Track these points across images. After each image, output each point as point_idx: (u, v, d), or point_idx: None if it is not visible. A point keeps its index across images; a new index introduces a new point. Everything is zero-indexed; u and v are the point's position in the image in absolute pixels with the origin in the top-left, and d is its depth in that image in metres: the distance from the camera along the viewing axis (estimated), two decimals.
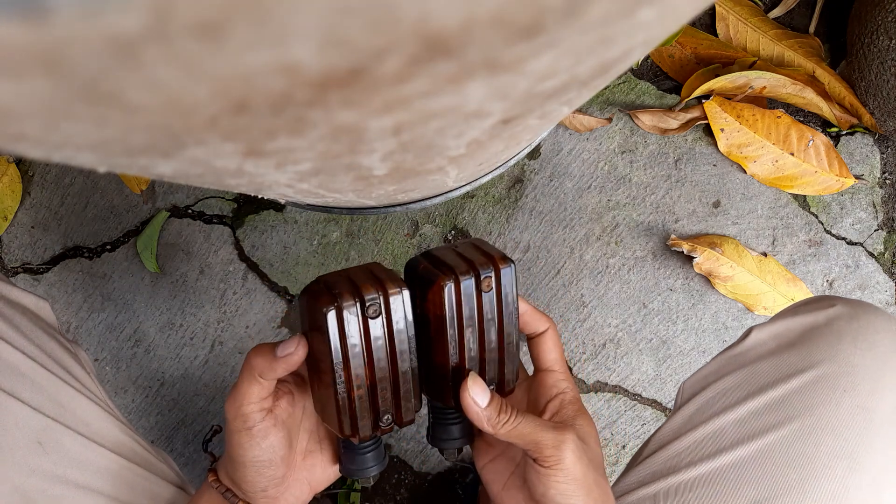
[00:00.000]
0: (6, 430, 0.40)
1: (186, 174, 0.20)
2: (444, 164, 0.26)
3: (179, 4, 0.09)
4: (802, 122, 0.78)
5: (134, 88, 0.11)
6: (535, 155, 0.80)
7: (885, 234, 0.81)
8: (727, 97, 0.76)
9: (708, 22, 0.80)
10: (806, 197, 0.80)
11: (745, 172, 0.79)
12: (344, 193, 0.32)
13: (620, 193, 0.80)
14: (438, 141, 0.20)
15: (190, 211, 0.80)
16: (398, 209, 0.54)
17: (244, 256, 0.80)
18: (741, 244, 0.78)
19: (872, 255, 0.80)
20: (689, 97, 0.76)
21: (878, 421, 0.39)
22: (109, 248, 0.80)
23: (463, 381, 0.37)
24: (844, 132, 0.80)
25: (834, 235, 0.80)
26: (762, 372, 0.43)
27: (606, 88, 0.80)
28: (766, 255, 0.78)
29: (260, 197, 0.44)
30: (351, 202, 0.41)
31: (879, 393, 0.40)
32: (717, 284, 0.78)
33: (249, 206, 0.80)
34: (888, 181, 0.80)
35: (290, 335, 0.81)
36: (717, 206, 0.80)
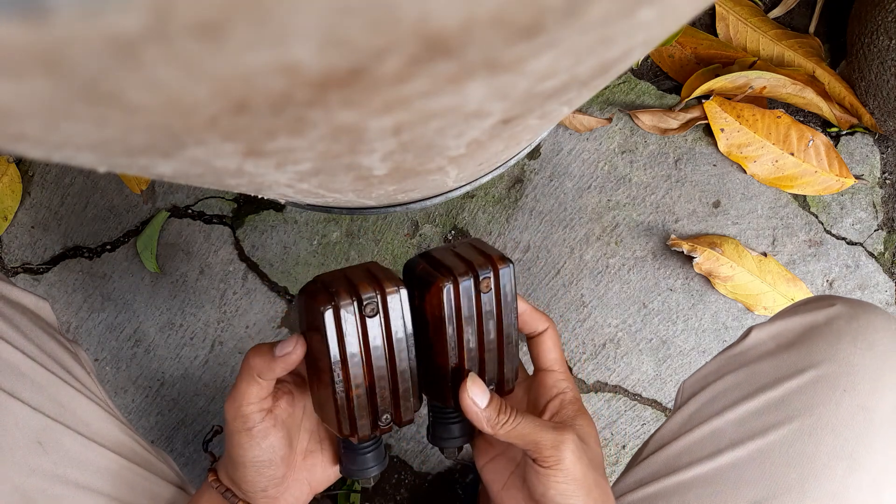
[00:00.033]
0: (6, 429, 0.40)
1: (186, 174, 0.20)
2: (444, 164, 0.26)
3: (179, 4, 0.09)
4: (802, 122, 0.78)
5: (134, 88, 0.11)
6: (535, 155, 0.80)
7: (885, 234, 0.80)
8: (727, 97, 0.76)
9: (708, 22, 0.80)
10: (806, 197, 0.80)
11: (745, 172, 0.78)
12: (344, 193, 0.32)
13: (620, 193, 0.80)
14: (438, 141, 0.20)
15: (190, 211, 0.80)
16: (398, 209, 0.54)
17: (244, 256, 0.80)
18: (741, 244, 0.78)
19: (872, 255, 0.80)
20: (689, 97, 0.76)
21: (877, 421, 0.39)
22: (109, 248, 0.80)
23: (462, 381, 0.37)
24: (844, 132, 0.80)
25: (834, 235, 0.80)
26: (762, 372, 0.43)
27: (606, 88, 0.80)
28: (766, 255, 0.78)
29: (260, 197, 0.44)
30: (351, 202, 0.41)
31: (879, 392, 0.40)
32: (717, 284, 0.78)
33: (249, 206, 0.80)
34: (888, 181, 0.80)
35: (289, 335, 0.81)
36: (717, 206, 0.80)
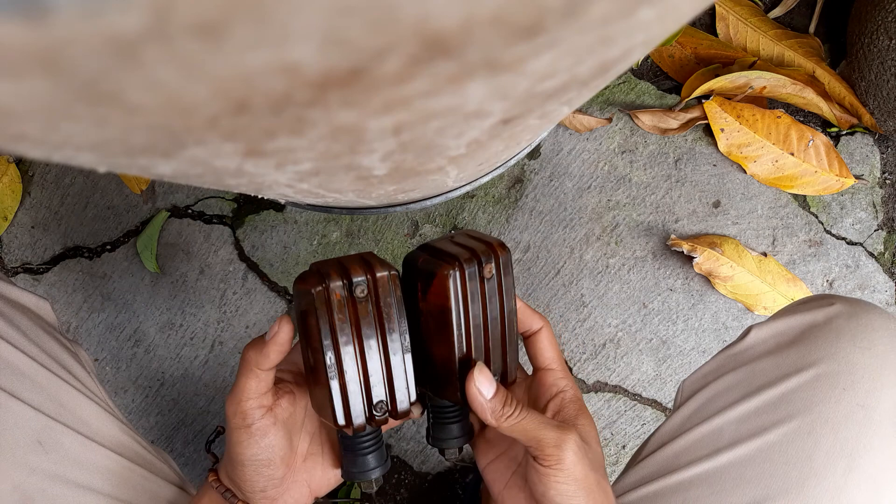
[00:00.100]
0: (6, 429, 0.40)
1: (186, 174, 0.20)
2: (444, 164, 0.26)
3: (179, 4, 0.09)
4: (802, 122, 0.78)
5: (134, 88, 0.11)
6: (535, 155, 0.80)
7: (885, 234, 0.80)
8: (727, 97, 0.76)
9: (708, 22, 0.80)
10: (806, 197, 0.80)
11: (745, 172, 0.78)
12: (344, 193, 0.32)
13: (620, 193, 0.80)
14: (438, 141, 0.20)
15: (190, 211, 0.80)
16: (398, 209, 0.54)
17: (244, 256, 0.80)
18: (741, 244, 0.78)
19: (872, 255, 0.80)
20: (689, 97, 0.76)
21: (877, 419, 0.39)
22: (109, 248, 0.80)
23: (469, 371, 0.37)
24: (844, 132, 0.80)
25: (834, 235, 0.80)
26: (762, 370, 0.43)
27: (606, 88, 0.80)
28: (766, 255, 0.78)
29: (260, 197, 0.44)
30: (351, 202, 0.41)
31: (878, 391, 0.40)
32: (717, 284, 0.78)
33: (249, 206, 0.80)
34: (888, 181, 0.80)
35: None
36: (717, 206, 0.80)
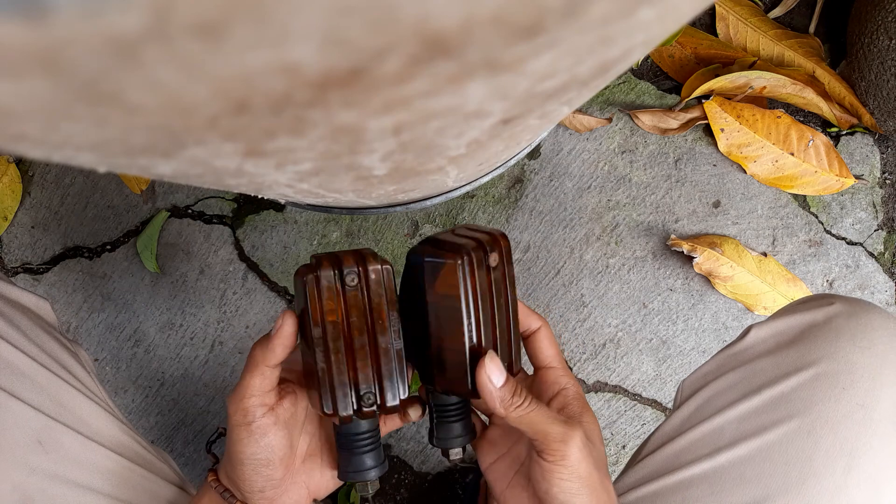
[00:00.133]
0: (6, 429, 0.40)
1: (186, 174, 0.20)
2: (444, 164, 0.26)
3: (179, 4, 0.09)
4: (802, 122, 0.78)
5: (134, 88, 0.11)
6: (535, 155, 0.80)
7: (885, 234, 0.80)
8: (727, 97, 0.76)
9: (708, 22, 0.80)
10: (806, 197, 0.80)
11: (745, 172, 0.78)
12: (344, 193, 0.32)
13: (620, 193, 0.80)
14: (438, 141, 0.20)
15: (190, 211, 0.80)
16: (398, 209, 0.54)
17: (244, 256, 0.80)
18: (741, 244, 0.78)
19: (872, 255, 0.80)
20: (689, 97, 0.76)
21: (876, 418, 0.39)
22: (109, 248, 0.80)
23: (480, 359, 0.37)
24: (844, 132, 0.80)
25: (834, 235, 0.80)
26: (761, 370, 0.43)
27: (606, 88, 0.80)
28: (766, 255, 0.78)
29: (260, 197, 0.44)
30: (351, 202, 0.41)
31: (878, 390, 0.40)
32: (717, 284, 0.78)
33: (249, 206, 0.80)
34: (888, 181, 0.80)
35: None
36: (717, 206, 0.80)
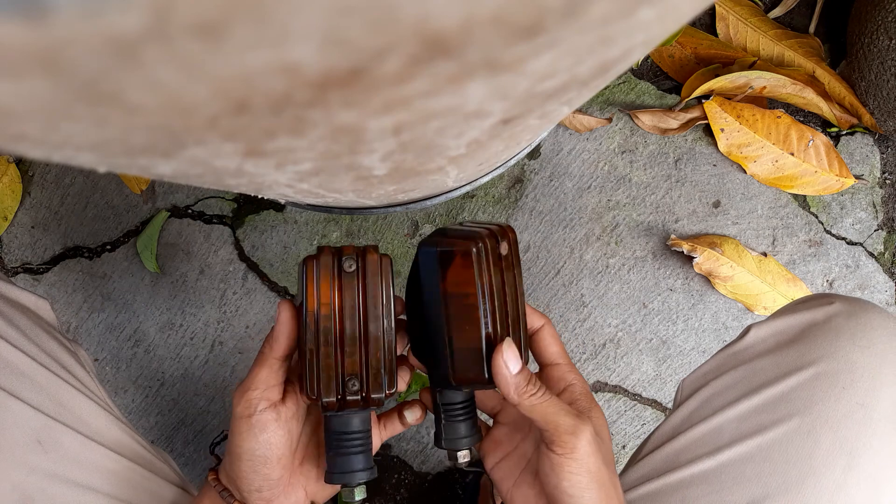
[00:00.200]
0: (5, 428, 0.40)
1: (186, 174, 0.20)
2: (444, 164, 0.26)
3: (179, 4, 0.09)
4: (802, 122, 0.78)
5: (134, 88, 0.11)
6: (535, 155, 0.80)
7: (885, 234, 0.80)
8: (727, 97, 0.76)
9: (708, 22, 0.80)
10: (806, 197, 0.80)
11: (745, 172, 0.78)
12: (344, 193, 0.32)
13: (620, 193, 0.80)
14: (438, 141, 0.20)
15: (190, 211, 0.80)
16: (398, 209, 0.54)
17: (244, 256, 0.80)
18: (741, 244, 0.78)
19: (872, 255, 0.80)
20: (689, 97, 0.76)
21: (876, 418, 0.39)
22: (109, 248, 0.80)
23: (497, 345, 0.37)
24: (844, 132, 0.80)
25: (834, 235, 0.80)
26: (761, 369, 0.43)
27: (606, 88, 0.80)
28: (766, 255, 0.78)
29: (260, 197, 0.44)
30: (351, 202, 0.41)
31: (878, 390, 0.40)
32: (717, 284, 0.78)
33: (249, 206, 0.80)
34: (888, 181, 0.80)
35: None
36: (717, 206, 0.80)
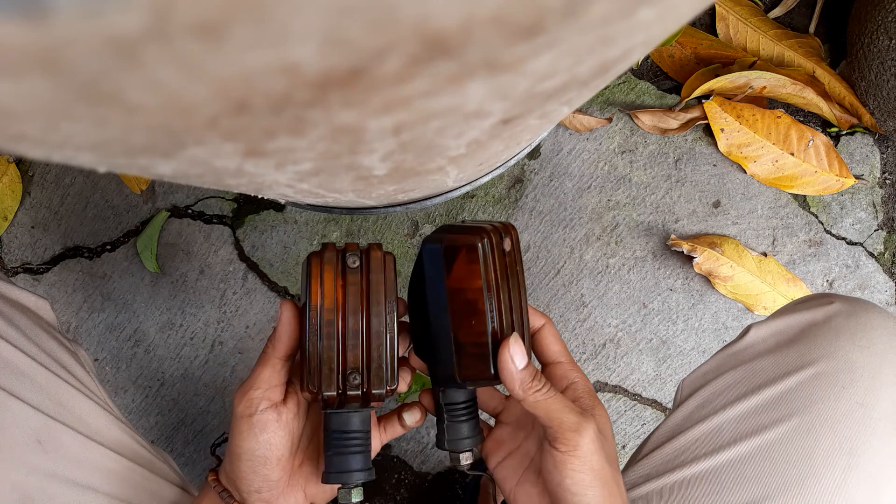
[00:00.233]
0: (5, 428, 0.40)
1: (186, 174, 0.20)
2: (444, 164, 0.26)
3: (179, 4, 0.09)
4: (802, 122, 0.78)
5: (134, 88, 0.11)
6: (535, 155, 0.80)
7: (885, 234, 0.80)
8: (727, 97, 0.76)
9: (708, 22, 0.80)
10: (806, 197, 0.80)
11: (745, 172, 0.78)
12: (344, 193, 0.32)
13: (620, 193, 0.80)
14: (438, 141, 0.20)
15: (190, 211, 0.80)
16: (398, 209, 0.54)
17: (244, 256, 0.80)
18: (741, 244, 0.78)
19: (872, 255, 0.80)
20: (689, 97, 0.76)
21: (876, 417, 0.39)
22: (109, 248, 0.80)
23: (503, 340, 0.38)
24: (844, 132, 0.80)
25: (834, 235, 0.80)
26: (761, 369, 0.43)
27: (606, 88, 0.80)
28: (766, 255, 0.78)
29: (260, 197, 0.44)
30: (351, 202, 0.41)
31: (878, 389, 0.40)
32: (717, 284, 0.78)
33: (249, 206, 0.80)
34: (888, 181, 0.80)
35: None
36: (717, 206, 0.80)
